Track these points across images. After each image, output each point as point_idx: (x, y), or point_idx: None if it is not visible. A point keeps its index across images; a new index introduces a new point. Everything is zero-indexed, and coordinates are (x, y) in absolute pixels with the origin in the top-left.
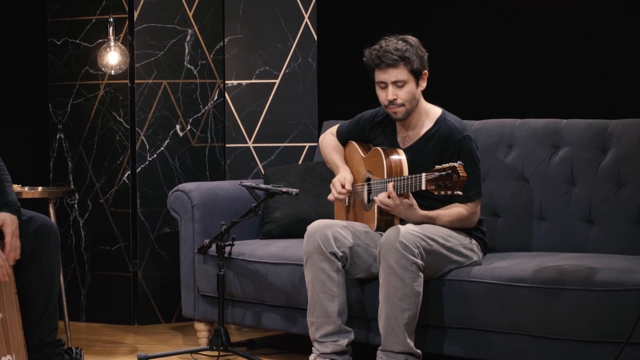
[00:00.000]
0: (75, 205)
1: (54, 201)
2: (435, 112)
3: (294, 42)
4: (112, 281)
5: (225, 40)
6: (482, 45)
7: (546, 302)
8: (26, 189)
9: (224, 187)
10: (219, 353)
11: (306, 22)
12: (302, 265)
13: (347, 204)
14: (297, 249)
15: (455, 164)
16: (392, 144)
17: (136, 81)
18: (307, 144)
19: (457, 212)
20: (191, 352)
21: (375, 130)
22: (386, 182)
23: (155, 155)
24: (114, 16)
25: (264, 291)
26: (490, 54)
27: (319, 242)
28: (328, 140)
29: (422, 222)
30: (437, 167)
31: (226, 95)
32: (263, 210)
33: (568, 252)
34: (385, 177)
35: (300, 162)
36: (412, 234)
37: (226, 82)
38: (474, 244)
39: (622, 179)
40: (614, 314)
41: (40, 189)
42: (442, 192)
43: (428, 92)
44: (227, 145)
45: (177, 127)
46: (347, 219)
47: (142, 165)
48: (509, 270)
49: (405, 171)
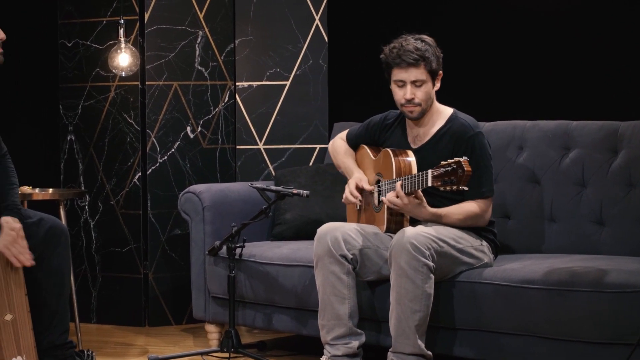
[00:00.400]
0: (86, 207)
1: (65, 203)
2: (447, 111)
3: (304, 43)
4: (122, 283)
5: (236, 41)
6: (494, 46)
7: (557, 304)
8: (37, 190)
9: (234, 189)
10: (229, 355)
11: (317, 24)
12: (312, 267)
13: (358, 207)
14: (307, 250)
15: (460, 159)
16: (402, 145)
17: (147, 83)
18: (318, 146)
19: (467, 209)
20: (202, 354)
21: (385, 132)
22: (394, 182)
23: (165, 157)
24: (124, 18)
25: (275, 293)
26: (502, 56)
27: (329, 244)
28: (338, 145)
29: (432, 220)
30: (442, 162)
31: (237, 96)
32: (274, 212)
33: (579, 253)
34: (395, 177)
35: (311, 164)
36: (423, 236)
37: (237, 83)
38: (484, 245)
39: (632, 181)
40: (625, 316)
41: (50, 190)
42: (448, 188)
43: (440, 93)
44: (237, 147)
45: (188, 128)
46: (358, 222)
47: (153, 167)
48: (519, 272)
49: (415, 171)
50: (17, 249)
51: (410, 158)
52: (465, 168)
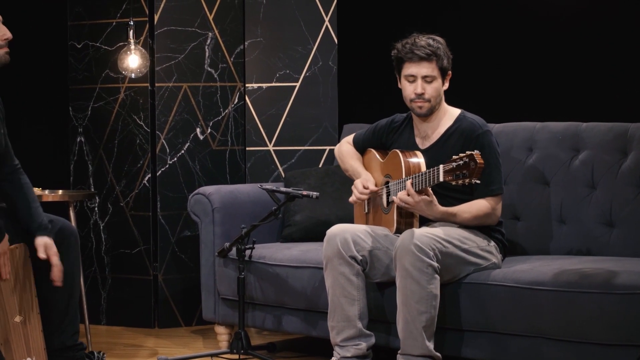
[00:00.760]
0: (96, 209)
1: (75, 204)
2: (455, 111)
3: (314, 45)
4: (132, 284)
5: (246, 43)
6: (503, 48)
7: (566, 306)
8: (46, 192)
9: (244, 191)
10: (239, 356)
11: (326, 25)
12: (322, 268)
13: (367, 210)
14: (317, 252)
15: (473, 152)
16: (410, 146)
17: (156, 84)
18: (328, 147)
19: (477, 207)
20: (212, 356)
21: (392, 135)
22: (404, 181)
23: (175, 159)
24: (134, 19)
25: (285, 294)
26: (511, 57)
27: (339, 246)
28: (345, 149)
29: (443, 219)
30: (454, 157)
31: (246, 98)
32: (283, 213)
33: (588, 255)
34: (404, 177)
35: (320, 166)
36: (426, 237)
37: (246, 85)
38: (492, 245)
39: None
40: (635, 317)
41: (60, 192)
42: (460, 182)
43: (449, 94)
44: (247, 149)
45: (198, 130)
46: (367, 223)
47: (163, 169)
48: (529, 274)
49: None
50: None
51: (420, 159)
52: (477, 160)
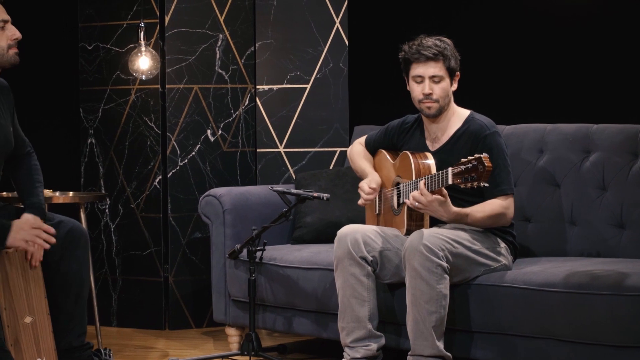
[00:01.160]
0: (106, 210)
1: (85, 206)
2: (464, 113)
3: (325, 47)
4: (143, 286)
5: (257, 45)
6: (513, 50)
7: (577, 307)
8: (57, 193)
9: (255, 192)
10: (250, 358)
11: (337, 27)
12: (333, 270)
13: (377, 211)
14: (328, 253)
15: (481, 155)
16: (421, 148)
17: (167, 86)
18: (338, 149)
19: (490, 208)
20: (222, 357)
21: (403, 136)
22: (417, 182)
23: (186, 160)
24: (145, 21)
25: (295, 296)
26: (521, 59)
27: (349, 246)
28: (357, 150)
29: (456, 220)
30: (462, 160)
31: (257, 100)
32: (294, 215)
33: (599, 257)
34: (414, 178)
35: (331, 167)
36: (436, 237)
37: (257, 87)
38: (502, 247)
39: None
40: None
41: (71, 193)
42: (469, 185)
43: (459, 96)
44: (258, 150)
45: (208, 132)
46: (377, 224)
47: (173, 170)
48: (540, 275)
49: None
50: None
51: (430, 160)
52: (485, 164)
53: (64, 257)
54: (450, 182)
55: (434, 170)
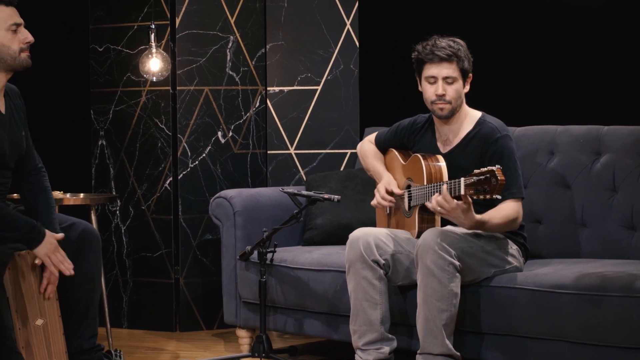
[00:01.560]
0: (117, 212)
1: (96, 208)
2: (475, 114)
3: (335, 48)
4: (153, 288)
5: (267, 46)
6: (524, 51)
7: (588, 309)
8: (68, 195)
9: (265, 194)
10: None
11: (348, 29)
12: (344, 271)
13: (388, 211)
14: (339, 255)
15: (494, 167)
16: (432, 149)
17: (178, 88)
18: (349, 151)
19: (505, 214)
20: (233, 359)
21: (414, 136)
22: (428, 187)
23: (197, 162)
24: (155, 23)
25: (306, 298)
26: (532, 61)
27: (361, 250)
28: (367, 148)
29: (476, 227)
30: (475, 171)
31: (268, 101)
32: (305, 216)
33: (610, 258)
34: (425, 183)
35: (342, 169)
36: (449, 235)
37: (268, 88)
38: (514, 249)
39: None
40: None
41: (82, 195)
42: (482, 197)
43: (471, 97)
44: (268, 152)
45: (219, 133)
46: (388, 226)
47: (184, 172)
48: (550, 277)
49: (445, 177)
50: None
51: (441, 163)
52: (499, 177)
53: (76, 259)
54: (462, 192)
55: (445, 174)
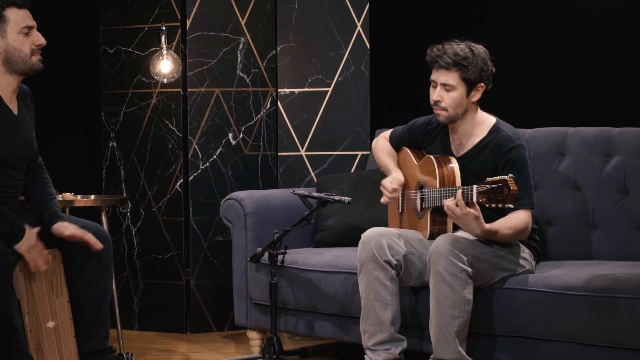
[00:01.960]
0: (128, 214)
1: (107, 209)
2: (490, 121)
3: (346, 50)
4: (164, 289)
5: (278, 48)
6: (535, 53)
7: (599, 311)
8: (79, 197)
9: (276, 196)
10: None
11: (359, 31)
12: (355, 273)
13: (400, 210)
14: (350, 257)
15: (506, 177)
16: (445, 152)
17: (189, 89)
18: (360, 152)
19: (514, 224)
20: None
21: (428, 137)
22: (440, 191)
23: (207, 164)
24: (166, 24)
25: (317, 299)
26: (543, 62)
27: (374, 250)
28: (381, 145)
29: (485, 236)
30: (488, 179)
31: (278, 103)
32: (315, 218)
33: (620, 260)
34: (438, 186)
35: (352, 171)
36: (461, 242)
37: (279, 90)
38: (526, 252)
39: None
40: None
41: (92, 197)
42: (494, 205)
43: (483, 99)
44: (279, 154)
45: (230, 135)
46: (400, 226)
47: (195, 174)
48: (561, 279)
49: (458, 181)
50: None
51: (453, 164)
52: (511, 187)
53: (87, 261)
54: (474, 199)
55: (457, 176)
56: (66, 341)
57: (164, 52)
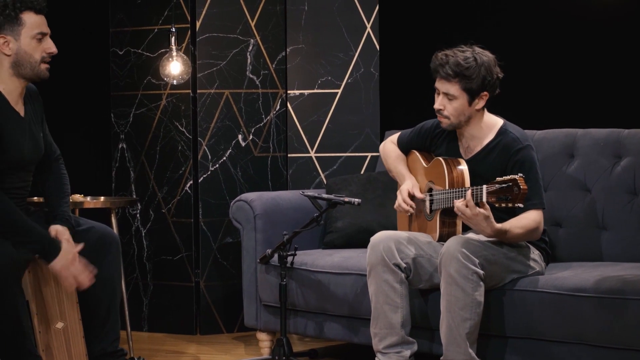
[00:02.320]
0: (138, 215)
1: (116, 211)
2: (497, 123)
3: (356, 52)
4: (174, 291)
5: (288, 50)
6: (544, 55)
7: (608, 312)
8: (88, 198)
9: (286, 197)
10: None
11: (368, 32)
12: (364, 275)
13: (409, 214)
14: (359, 258)
15: (516, 176)
16: (454, 154)
17: (198, 91)
18: (369, 154)
19: (526, 223)
20: None
21: (436, 140)
22: (450, 192)
23: (217, 165)
24: (176, 26)
25: (327, 301)
26: (553, 64)
27: (383, 253)
28: (390, 149)
29: (496, 236)
30: (497, 179)
31: (288, 105)
32: (325, 220)
33: (630, 262)
34: (447, 187)
35: (362, 172)
36: (473, 244)
37: (288, 91)
38: (536, 254)
39: None
40: None
41: (102, 198)
42: (503, 205)
43: (491, 100)
44: (289, 155)
45: (239, 136)
46: (409, 229)
47: (204, 175)
48: (571, 280)
49: (467, 182)
50: (73, 270)
51: (463, 166)
52: (521, 186)
53: (96, 263)
54: (484, 199)
55: (467, 178)
56: (75, 343)
57: (174, 53)
